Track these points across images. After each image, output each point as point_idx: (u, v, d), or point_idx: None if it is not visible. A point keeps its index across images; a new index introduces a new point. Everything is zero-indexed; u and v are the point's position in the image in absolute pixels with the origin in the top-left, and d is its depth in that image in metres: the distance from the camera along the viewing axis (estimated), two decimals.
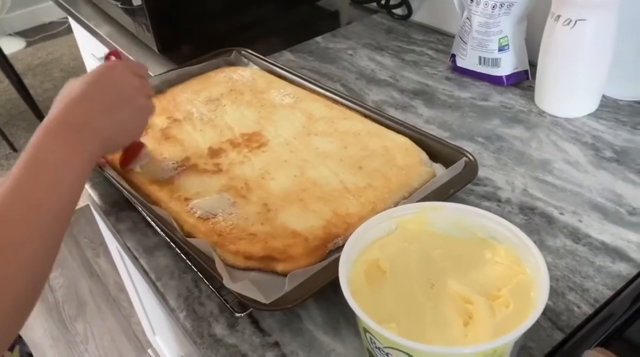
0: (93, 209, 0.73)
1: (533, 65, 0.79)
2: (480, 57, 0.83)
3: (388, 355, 0.39)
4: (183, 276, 0.58)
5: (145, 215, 0.62)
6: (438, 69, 0.90)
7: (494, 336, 0.37)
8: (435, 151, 0.66)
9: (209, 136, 0.72)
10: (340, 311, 0.52)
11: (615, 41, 0.69)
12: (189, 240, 0.55)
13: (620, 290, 0.51)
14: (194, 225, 0.58)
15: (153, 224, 0.61)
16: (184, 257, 0.58)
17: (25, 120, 2.58)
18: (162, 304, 0.57)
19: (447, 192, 0.58)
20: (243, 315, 0.52)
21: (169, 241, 0.60)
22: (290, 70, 0.84)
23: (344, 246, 0.44)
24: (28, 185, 0.44)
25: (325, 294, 0.52)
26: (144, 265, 0.60)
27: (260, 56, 0.89)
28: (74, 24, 1.36)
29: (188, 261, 0.57)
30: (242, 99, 0.79)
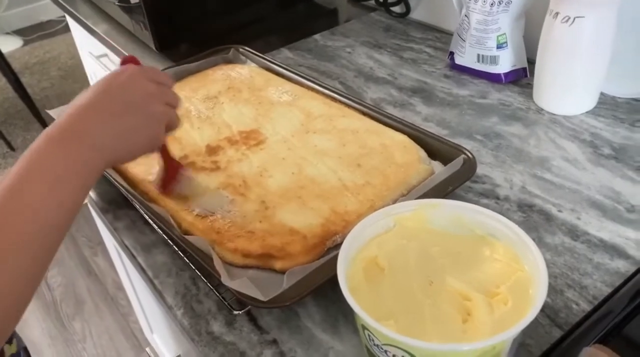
0: (91, 206, 0.73)
1: (531, 62, 0.79)
2: (479, 55, 0.83)
3: (386, 352, 0.39)
4: (181, 274, 0.58)
5: (143, 213, 0.61)
6: (436, 66, 0.90)
7: (493, 333, 0.37)
8: (434, 149, 0.66)
9: (207, 134, 0.72)
10: (339, 309, 0.52)
11: (614, 39, 0.69)
12: (187, 237, 0.55)
13: (619, 287, 0.51)
14: (192, 223, 0.58)
15: (151, 221, 0.61)
16: (182, 255, 0.58)
17: (23, 119, 2.57)
18: (159, 301, 0.57)
19: (445, 190, 0.59)
20: (241, 313, 0.52)
21: (167, 239, 0.60)
22: (289, 67, 0.84)
23: (343, 244, 0.44)
24: (26, 190, 0.43)
25: (324, 291, 0.52)
26: (142, 263, 0.60)
27: (259, 54, 0.89)
28: (72, 22, 1.35)
29: (186, 259, 0.57)
30: (240, 96, 0.79)
